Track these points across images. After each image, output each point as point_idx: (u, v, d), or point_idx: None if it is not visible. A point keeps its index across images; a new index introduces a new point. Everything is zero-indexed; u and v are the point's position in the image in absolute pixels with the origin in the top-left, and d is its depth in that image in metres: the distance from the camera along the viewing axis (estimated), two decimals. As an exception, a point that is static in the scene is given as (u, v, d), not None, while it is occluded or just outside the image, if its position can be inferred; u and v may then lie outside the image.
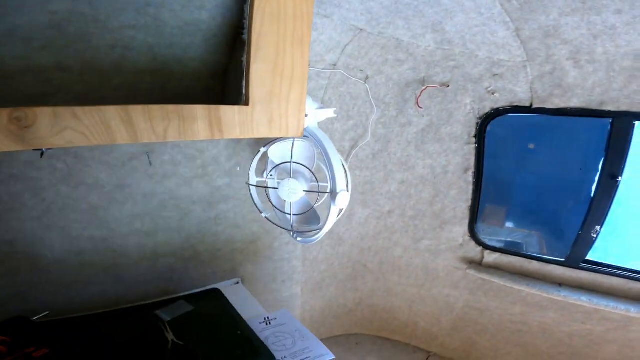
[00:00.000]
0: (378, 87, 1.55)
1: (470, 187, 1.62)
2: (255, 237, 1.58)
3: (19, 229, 1.09)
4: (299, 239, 1.17)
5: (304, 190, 1.07)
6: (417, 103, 1.52)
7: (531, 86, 1.34)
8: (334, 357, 1.28)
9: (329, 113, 1.11)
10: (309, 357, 1.22)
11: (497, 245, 1.74)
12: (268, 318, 1.37)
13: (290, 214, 1.09)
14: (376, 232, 1.88)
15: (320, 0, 1.20)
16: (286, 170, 1.12)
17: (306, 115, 0.96)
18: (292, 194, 1.06)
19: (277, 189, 1.10)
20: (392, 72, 1.51)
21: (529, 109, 1.38)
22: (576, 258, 1.50)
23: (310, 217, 1.12)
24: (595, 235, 1.44)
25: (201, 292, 1.34)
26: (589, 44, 1.13)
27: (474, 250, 1.74)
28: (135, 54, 1.05)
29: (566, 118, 1.35)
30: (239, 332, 1.12)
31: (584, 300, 1.44)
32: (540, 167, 1.65)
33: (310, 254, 1.80)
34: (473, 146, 1.55)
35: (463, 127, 1.54)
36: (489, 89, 1.42)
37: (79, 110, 0.64)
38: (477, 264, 1.75)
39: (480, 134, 1.52)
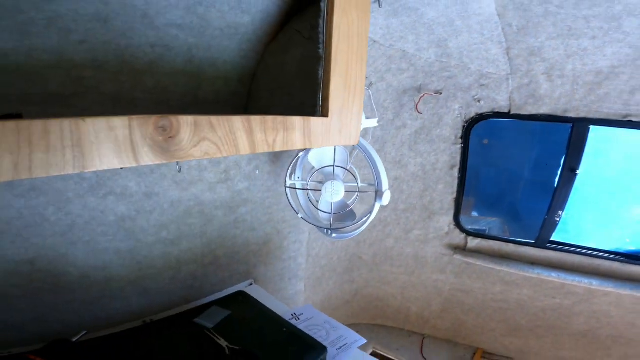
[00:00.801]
0: (379, 93, 1.69)
1: (456, 182, 1.85)
2: (268, 238, 1.62)
3: (41, 246, 1.00)
4: (334, 235, 1.26)
5: (347, 191, 1.16)
6: (417, 108, 1.69)
7: (510, 96, 1.59)
8: (365, 340, 1.40)
9: (373, 122, 1.21)
10: (347, 344, 1.32)
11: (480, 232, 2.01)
12: (295, 314, 1.43)
13: (330, 213, 1.17)
14: (371, 225, 2.02)
15: None
16: (323, 173, 1.20)
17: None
18: (335, 194, 1.14)
19: (319, 190, 1.17)
20: (393, 79, 1.66)
21: (507, 115, 1.64)
22: (543, 239, 1.81)
23: (346, 215, 1.21)
24: (558, 219, 1.75)
25: (228, 296, 1.35)
26: (562, 62, 1.39)
27: (459, 237, 1.98)
28: (174, 55, 1.04)
29: (537, 123, 1.63)
30: (284, 330, 1.17)
31: (554, 277, 1.74)
32: (514, 164, 1.94)
33: (313, 250, 1.88)
34: (459, 146, 1.77)
35: (451, 129, 1.76)
36: (476, 97, 1.64)
37: (214, 119, 0.65)
38: (462, 249, 1.99)
39: (466, 136, 1.74)
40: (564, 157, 1.61)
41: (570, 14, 1.16)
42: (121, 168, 0.95)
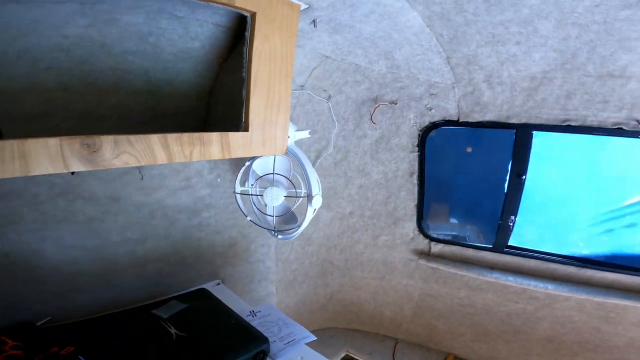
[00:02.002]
0: (339, 104, 1.83)
1: (416, 189, 1.95)
2: (233, 241, 1.76)
3: (16, 241, 1.17)
4: (279, 236, 1.39)
5: (285, 196, 1.30)
6: (371, 118, 1.83)
7: (458, 104, 1.70)
8: (315, 338, 1.49)
9: (305, 134, 1.35)
10: (295, 339, 1.43)
11: (444, 237, 2.08)
12: (253, 311, 1.55)
13: (272, 216, 1.31)
14: (340, 231, 2.14)
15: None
16: (268, 180, 1.34)
17: (288, 137, 1.20)
18: (275, 199, 1.28)
19: (260, 195, 1.31)
20: (350, 91, 1.80)
21: (457, 122, 1.74)
22: (500, 244, 1.87)
23: (289, 218, 1.34)
24: (511, 224, 1.81)
25: (189, 292, 1.49)
26: (498, 69, 1.50)
27: (423, 243, 2.06)
28: (133, 77, 1.22)
29: (485, 129, 1.72)
30: (233, 322, 1.30)
31: (511, 281, 1.79)
32: (470, 170, 2.03)
33: (282, 254, 2.01)
34: (416, 154, 1.88)
35: (408, 138, 1.87)
36: (427, 106, 1.76)
37: (132, 137, 0.81)
38: (426, 254, 2.07)
39: (422, 144, 1.85)
40: (510, 163, 1.70)
41: (487, 21, 1.23)
42: (72, 173, 1.12)
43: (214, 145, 0.96)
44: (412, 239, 2.08)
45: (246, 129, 1.02)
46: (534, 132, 1.62)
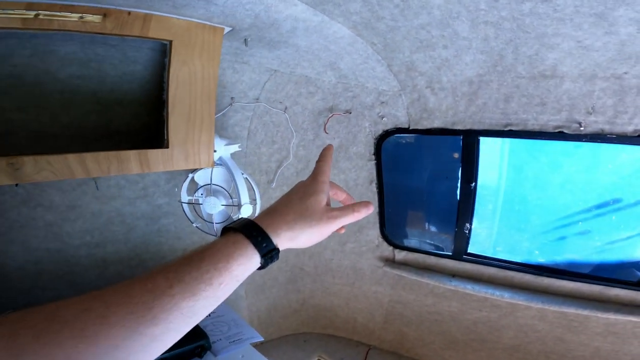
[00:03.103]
0: (296, 115, 1.92)
1: (376, 197, 1.98)
2: (196, 246, 1.87)
3: (-16, 244, 1.36)
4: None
5: (222, 205, 1.40)
6: (325, 129, 1.89)
7: (407, 111, 1.73)
8: (262, 339, 1.57)
9: (234, 148, 1.45)
10: (241, 338, 1.52)
11: (412, 245, 2.09)
12: (205, 312, 1.65)
13: (213, 223, 1.41)
14: (309, 238, 2.20)
15: (236, 53, 1.57)
16: (212, 189, 1.45)
17: (215, 151, 1.30)
18: (213, 207, 1.38)
19: (202, 204, 1.42)
20: (306, 102, 1.88)
21: (408, 130, 1.77)
22: (459, 252, 1.85)
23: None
24: (467, 231, 1.79)
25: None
26: (436, 74, 1.52)
27: (387, 250, 2.08)
28: (81, 98, 1.37)
29: (435, 137, 1.73)
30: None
31: (469, 289, 1.76)
32: (426, 178, 2.03)
33: (250, 260, 2.10)
34: (373, 162, 1.92)
35: (365, 146, 1.92)
36: (380, 114, 1.80)
37: (51, 157, 0.97)
38: (391, 262, 2.08)
39: (378, 152, 1.89)
40: (459, 169, 1.69)
41: (408, 26, 1.26)
42: (16, 185, 1.29)
43: (132, 162, 1.08)
44: (377, 246, 2.10)
45: (167, 146, 1.14)
46: (480, 138, 1.61)
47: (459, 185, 1.70)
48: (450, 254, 1.87)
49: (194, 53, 1.20)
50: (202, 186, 1.44)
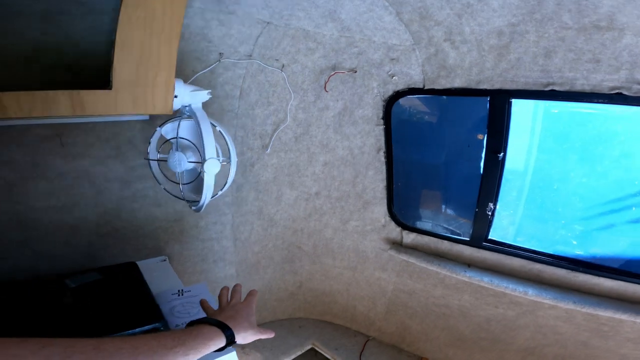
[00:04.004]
0: (295, 74, 1.69)
1: (384, 167, 1.75)
2: (179, 215, 1.72)
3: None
4: (193, 207, 1.31)
5: (190, 162, 1.21)
6: (325, 88, 1.66)
7: (422, 68, 1.47)
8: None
9: (204, 95, 1.24)
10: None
11: (424, 227, 1.86)
12: (182, 290, 1.49)
13: (179, 183, 1.23)
14: (306, 213, 2.01)
15: (219, 1, 1.35)
16: (181, 145, 1.26)
17: (176, 96, 1.10)
18: (178, 164, 1.19)
19: (167, 161, 1.23)
20: (306, 60, 1.64)
21: (422, 90, 1.51)
22: (478, 237, 1.61)
23: (199, 187, 1.25)
24: (490, 213, 1.54)
25: (117, 265, 1.47)
26: (457, 23, 1.25)
27: (395, 231, 1.86)
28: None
29: (455, 98, 1.47)
30: (137, 298, 1.25)
31: (486, 282, 1.53)
32: (444, 148, 1.76)
33: (241, 234, 1.94)
34: (382, 127, 1.68)
35: (372, 109, 1.67)
36: (389, 72, 1.55)
37: None
38: (398, 245, 1.87)
39: (387, 116, 1.65)
40: (485, 137, 1.43)
41: None
42: None
43: (61, 104, 0.92)
44: (384, 226, 1.89)
45: (109, 88, 0.97)
46: (512, 100, 1.34)
47: (483, 155, 1.44)
48: (468, 239, 1.63)
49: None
50: (167, 140, 1.26)
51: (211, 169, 1.12)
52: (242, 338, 0.79)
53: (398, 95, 1.58)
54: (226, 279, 2.00)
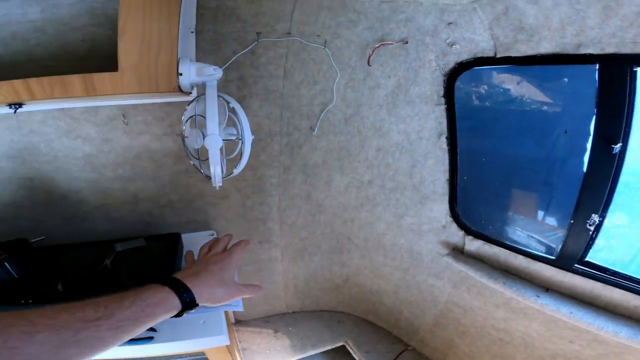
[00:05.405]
0: (340, 50, 1.54)
1: (447, 155, 1.48)
2: (226, 193, 1.81)
3: (37, 169, 1.56)
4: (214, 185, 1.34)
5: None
6: (369, 61, 1.46)
7: (490, 32, 1.15)
8: (242, 309, 1.41)
9: (209, 71, 1.21)
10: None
11: (493, 235, 1.52)
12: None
13: (198, 159, 1.27)
14: (358, 203, 1.87)
15: None
16: (200, 122, 1.29)
17: (181, 74, 1.11)
18: (195, 142, 1.22)
19: (187, 138, 1.28)
20: (349, 34, 1.48)
21: (494, 60, 1.19)
22: (570, 256, 1.23)
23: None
24: (592, 227, 1.15)
25: (164, 234, 1.64)
26: (532, -33, 0.93)
27: (456, 234, 1.58)
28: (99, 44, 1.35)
29: (540, 68, 1.11)
30: (167, 266, 1.37)
31: (565, 313, 1.18)
32: (528, 134, 1.37)
33: (288, 218, 1.93)
34: (443, 107, 1.41)
35: (431, 86, 1.42)
36: (448, 40, 1.27)
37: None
38: (459, 252, 1.59)
39: (450, 93, 1.37)
40: (593, 119, 1.05)
41: None
42: None
43: (76, 86, 1.03)
44: (444, 227, 1.63)
45: (116, 69, 1.05)
46: (638, 69, 0.94)
47: (588, 146, 1.08)
48: (553, 257, 1.27)
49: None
50: (190, 117, 1.29)
51: (212, 145, 1.11)
52: (208, 299, 0.65)
53: (462, 67, 1.29)
54: (270, 261, 2.04)
